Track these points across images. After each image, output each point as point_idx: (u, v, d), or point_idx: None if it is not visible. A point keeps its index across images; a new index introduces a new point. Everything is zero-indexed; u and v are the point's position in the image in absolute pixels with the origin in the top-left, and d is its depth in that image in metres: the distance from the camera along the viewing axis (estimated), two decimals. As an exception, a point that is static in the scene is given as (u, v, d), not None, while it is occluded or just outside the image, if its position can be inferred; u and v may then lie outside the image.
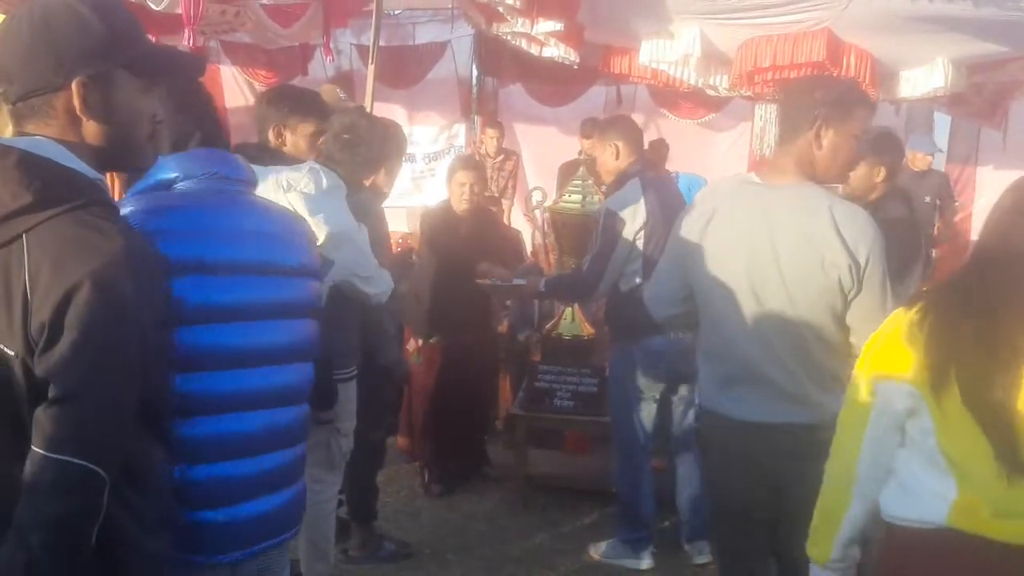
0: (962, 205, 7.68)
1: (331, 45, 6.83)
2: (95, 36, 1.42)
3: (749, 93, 6.14)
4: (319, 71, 7.81)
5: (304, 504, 2.17)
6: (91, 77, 1.41)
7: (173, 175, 1.92)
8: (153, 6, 5.78)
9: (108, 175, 1.63)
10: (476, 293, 4.29)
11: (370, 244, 3.02)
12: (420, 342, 4.69)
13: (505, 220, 6.37)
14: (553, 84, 7.77)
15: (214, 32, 6.34)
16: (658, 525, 4.09)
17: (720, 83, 6.02)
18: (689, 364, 3.91)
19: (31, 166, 1.36)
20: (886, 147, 3.92)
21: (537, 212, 4.56)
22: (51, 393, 1.31)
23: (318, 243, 2.37)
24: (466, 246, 4.46)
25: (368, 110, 4.26)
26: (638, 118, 8.17)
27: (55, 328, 1.29)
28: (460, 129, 8.45)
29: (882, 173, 3.82)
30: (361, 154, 3.05)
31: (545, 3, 5.12)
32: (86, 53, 1.41)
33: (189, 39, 5.33)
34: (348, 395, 3.14)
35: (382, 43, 8.02)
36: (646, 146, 6.89)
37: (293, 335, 2.04)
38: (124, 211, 1.75)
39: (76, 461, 1.29)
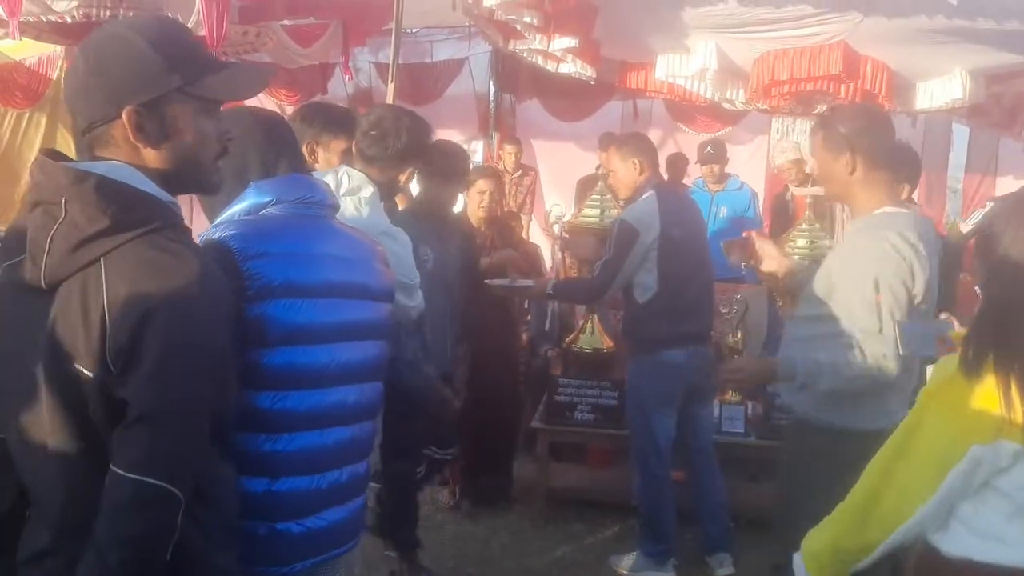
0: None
1: (350, 64, 6.92)
2: (146, 64, 1.44)
3: (766, 106, 6.17)
4: (339, 89, 7.92)
5: (366, 514, 2.26)
6: (144, 105, 1.43)
7: (267, 199, 1.98)
8: (176, 28, 5.91)
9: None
10: (497, 304, 4.31)
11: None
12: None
13: (524, 235, 6.39)
14: (570, 99, 7.83)
15: (236, 52, 6.43)
16: (680, 538, 4.09)
17: (737, 97, 6.06)
18: (707, 377, 3.94)
19: (108, 191, 1.39)
20: (903, 161, 3.89)
21: (556, 227, 4.59)
22: (129, 414, 1.34)
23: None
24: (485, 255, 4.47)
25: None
26: (655, 133, 8.27)
27: (133, 351, 1.33)
28: (479, 145, 8.51)
29: (905, 190, 3.79)
30: (391, 146, 2.97)
31: (561, 20, 5.17)
32: (136, 82, 1.44)
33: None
34: None
35: (400, 61, 8.12)
36: (664, 160, 6.99)
37: (370, 355, 2.12)
38: (225, 233, 1.83)
39: (153, 481, 1.33)
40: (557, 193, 8.11)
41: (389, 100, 5.28)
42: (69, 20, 5.76)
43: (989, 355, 1.65)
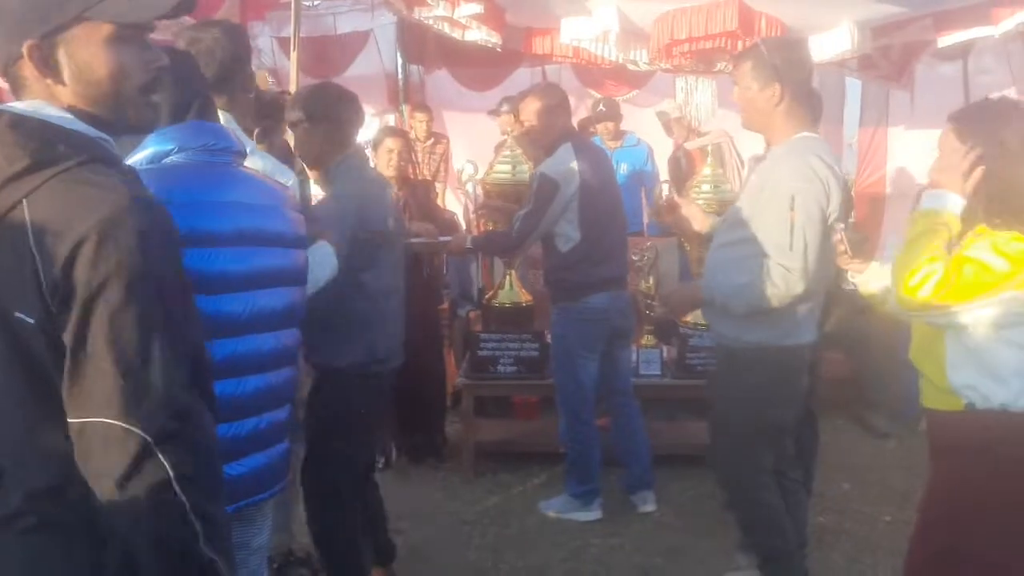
0: (875, 167, 8.00)
1: (251, 40, 6.81)
2: None
3: (668, 66, 6.33)
4: (243, 67, 7.75)
5: (289, 461, 2.27)
6: (44, 37, 1.32)
7: (169, 147, 1.96)
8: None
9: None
10: (414, 268, 4.36)
11: None
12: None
13: (440, 203, 6.44)
14: (479, 68, 7.84)
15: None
16: (603, 479, 4.23)
17: (640, 58, 6.18)
18: (628, 319, 4.10)
19: (25, 128, 1.30)
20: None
21: (469, 186, 4.65)
22: (73, 357, 1.22)
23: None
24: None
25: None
26: (565, 98, 8.34)
27: (67, 288, 1.21)
28: (390, 119, 8.48)
29: None
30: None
31: (465, -16, 5.22)
32: (33, 13, 1.33)
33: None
34: None
35: (303, 35, 8.02)
36: (576, 124, 7.10)
37: (285, 302, 2.14)
38: None
39: (120, 424, 1.21)
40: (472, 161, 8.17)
41: (292, 74, 5.23)
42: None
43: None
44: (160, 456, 1.21)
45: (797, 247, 2.71)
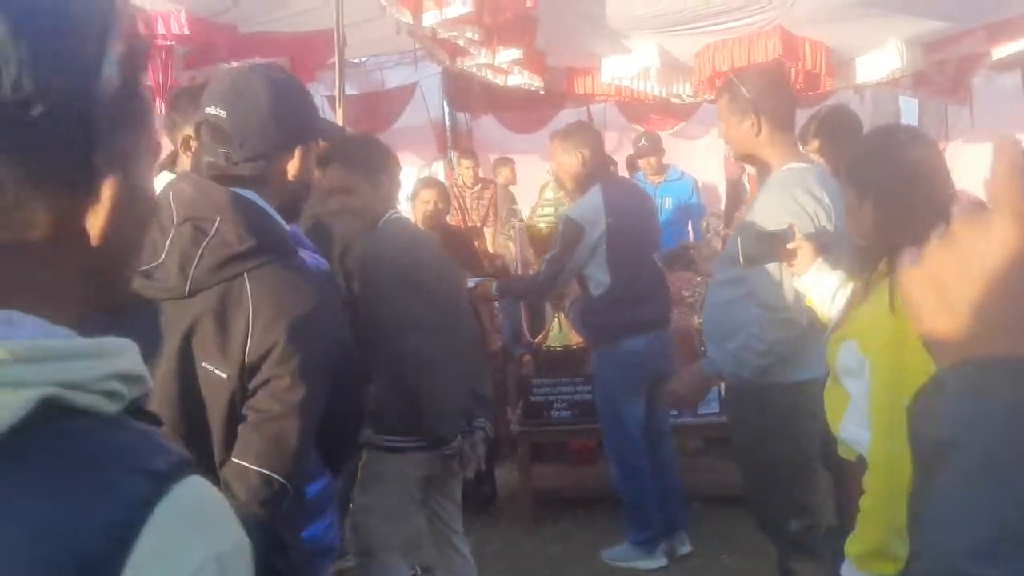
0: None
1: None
2: (313, 110, 1.73)
3: (712, 98, 6.27)
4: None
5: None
6: (308, 144, 1.69)
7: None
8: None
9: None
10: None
11: None
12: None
13: (489, 248, 6.44)
14: (524, 112, 7.91)
15: (187, 98, 6.49)
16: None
17: (684, 91, 6.17)
18: (668, 361, 3.98)
19: (256, 215, 1.59)
20: (850, 129, 3.94)
21: (513, 229, 4.64)
22: (260, 413, 1.52)
23: None
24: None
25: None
26: (611, 135, 8.33)
27: (270, 358, 1.51)
28: (439, 167, 8.57)
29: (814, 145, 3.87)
30: None
31: (503, 32, 5.27)
32: (310, 124, 1.69)
33: (159, 109, 5.48)
34: None
35: (354, 91, 8.21)
36: (624, 163, 7.08)
37: None
38: None
39: (277, 477, 1.51)
40: (520, 204, 8.18)
41: (341, 127, 5.34)
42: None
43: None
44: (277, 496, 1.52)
45: (787, 284, 2.62)
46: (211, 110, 1.64)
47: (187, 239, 1.56)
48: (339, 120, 5.36)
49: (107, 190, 0.66)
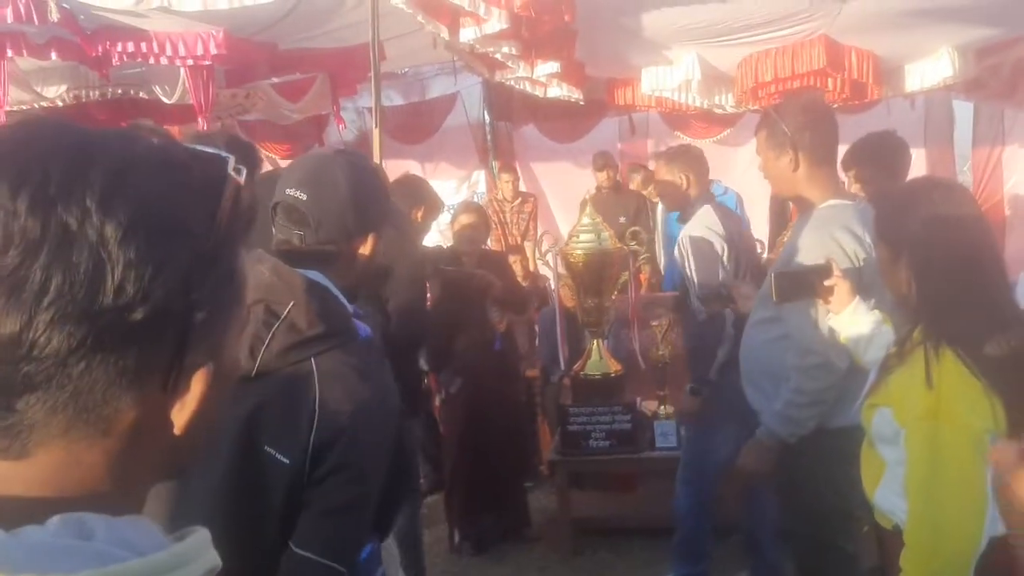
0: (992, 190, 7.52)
1: (342, 113, 6.97)
2: (387, 199, 1.76)
3: (756, 108, 6.13)
4: (335, 137, 7.98)
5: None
6: (379, 232, 1.70)
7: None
8: (166, 100, 6.01)
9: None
10: (489, 334, 4.26)
11: None
12: (443, 392, 4.62)
13: (530, 263, 6.36)
14: (565, 120, 7.83)
15: (227, 115, 6.52)
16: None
17: (726, 102, 6.04)
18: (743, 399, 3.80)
19: (326, 301, 1.59)
20: (893, 150, 3.81)
21: (549, 256, 4.55)
22: (324, 502, 1.50)
23: None
24: (476, 288, 4.40)
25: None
26: (653, 143, 8.22)
27: (335, 447, 1.49)
28: (480, 176, 8.54)
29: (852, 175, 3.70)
30: None
31: (541, 46, 5.18)
32: (383, 213, 1.71)
33: (203, 125, 5.52)
34: None
35: (399, 102, 8.20)
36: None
37: None
38: None
39: (338, 568, 1.49)
40: (561, 214, 8.11)
41: (376, 143, 5.30)
42: (60, 104, 5.89)
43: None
44: None
45: (822, 326, 2.51)
46: (291, 191, 1.66)
47: (259, 321, 1.56)
48: (375, 137, 5.34)
49: (197, 384, 0.63)
